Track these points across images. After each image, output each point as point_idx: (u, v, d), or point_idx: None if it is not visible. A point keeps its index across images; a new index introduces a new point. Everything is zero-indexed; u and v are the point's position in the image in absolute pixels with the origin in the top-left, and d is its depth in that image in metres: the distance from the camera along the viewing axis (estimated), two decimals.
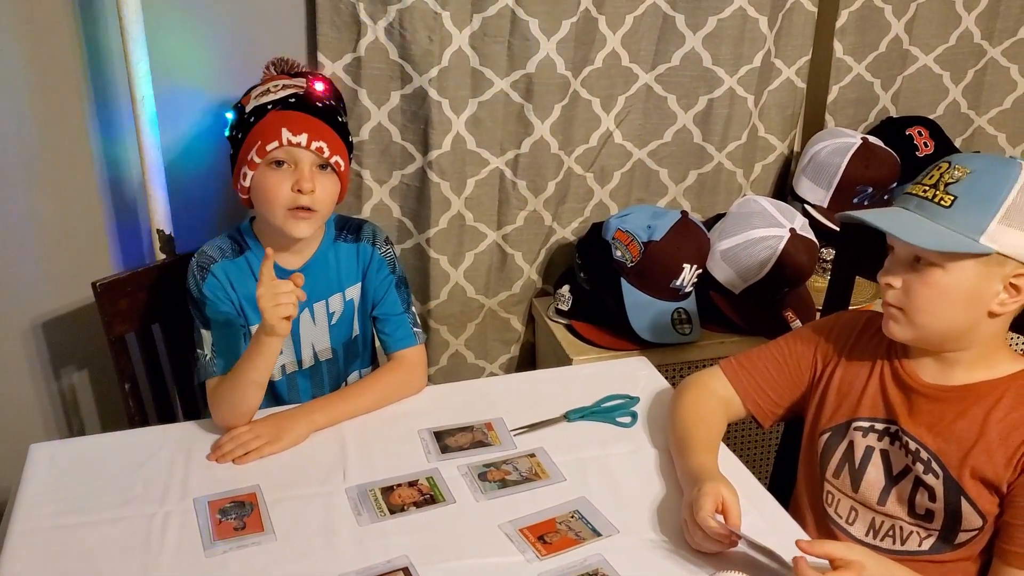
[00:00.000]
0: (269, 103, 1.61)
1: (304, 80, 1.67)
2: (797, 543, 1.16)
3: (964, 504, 1.32)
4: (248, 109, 1.63)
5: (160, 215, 1.95)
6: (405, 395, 1.68)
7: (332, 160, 1.61)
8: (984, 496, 1.31)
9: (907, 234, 1.27)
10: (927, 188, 1.29)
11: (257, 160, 1.59)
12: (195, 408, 1.93)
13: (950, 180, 1.27)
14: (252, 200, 1.65)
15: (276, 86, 1.64)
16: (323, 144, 1.59)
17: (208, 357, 1.62)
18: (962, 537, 1.34)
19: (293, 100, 1.61)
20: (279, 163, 1.58)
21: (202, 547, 1.29)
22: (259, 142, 1.58)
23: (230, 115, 1.68)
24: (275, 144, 1.57)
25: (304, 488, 1.41)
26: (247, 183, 1.62)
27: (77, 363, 2.15)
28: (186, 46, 1.95)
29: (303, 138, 1.57)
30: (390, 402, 1.65)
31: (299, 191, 1.57)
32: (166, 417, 1.90)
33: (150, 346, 1.87)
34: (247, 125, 1.61)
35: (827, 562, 1.15)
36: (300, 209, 1.58)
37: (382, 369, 1.74)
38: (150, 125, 1.87)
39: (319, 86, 1.67)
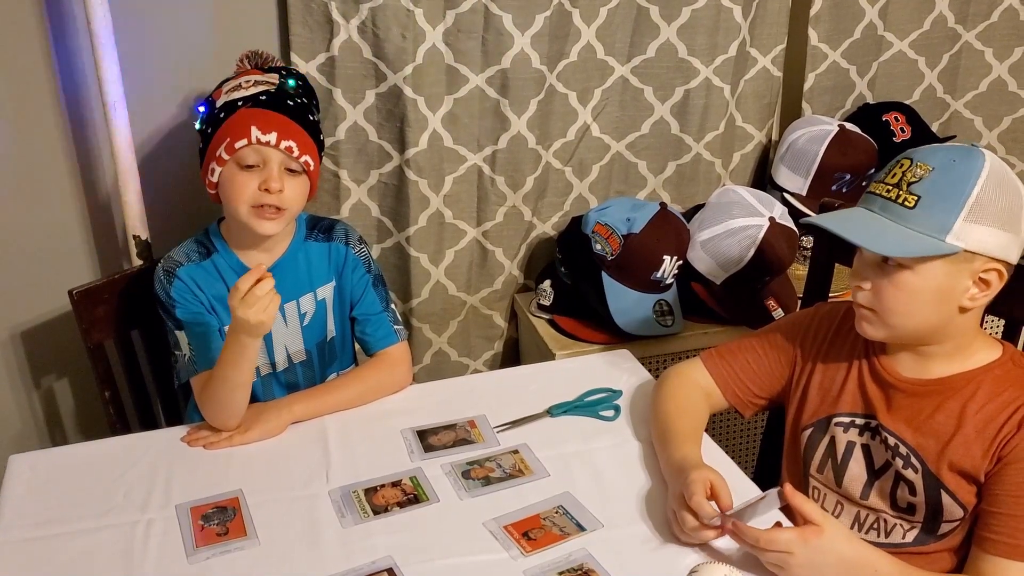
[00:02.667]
0: (240, 99, 1.60)
1: (277, 76, 1.66)
2: (784, 486, 1.20)
3: (944, 497, 1.32)
4: (219, 104, 1.61)
5: (135, 220, 1.94)
6: (389, 391, 1.67)
7: (301, 160, 1.60)
8: (963, 488, 1.31)
9: (872, 242, 1.26)
10: (890, 188, 1.27)
11: (225, 157, 1.57)
12: (176, 413, 1.92)
13: (912, 179, 1.25)
14: (219, 196, 1.64)
15: (248, 81, 1.63)
16: (293, 143, 1.58)
17: (187, 356, 1.62)
18: (944, 528, 1.34)
19: (264, 97, 1.60)
20: (249, 166, 1.57)
21: (185, 554, 1.28)
22: (228, 139, 1.56)
23: (201, 108, 1.66)
24: (244, 142, 1.56)
25: (287, 491, 1.41)
26: (215, 179, 1.61)
27: (57, 372, 2.14)
28: (157, 50, 1.94)
29: (272, 137, 1.56)
30: (373, 398, 1.65)
31: (266, 190, 1.56)
32: (148, 423, 1.88)
33: (129, 353, 1.86)
34: (217, 120, 1.60)
35: None
36: (266, 207, 1.57)
37: (365, 364, 1.74)
38: (122, 130, 1.85)
39: (291, 82, 1.66)
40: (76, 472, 1.46)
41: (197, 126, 1.67)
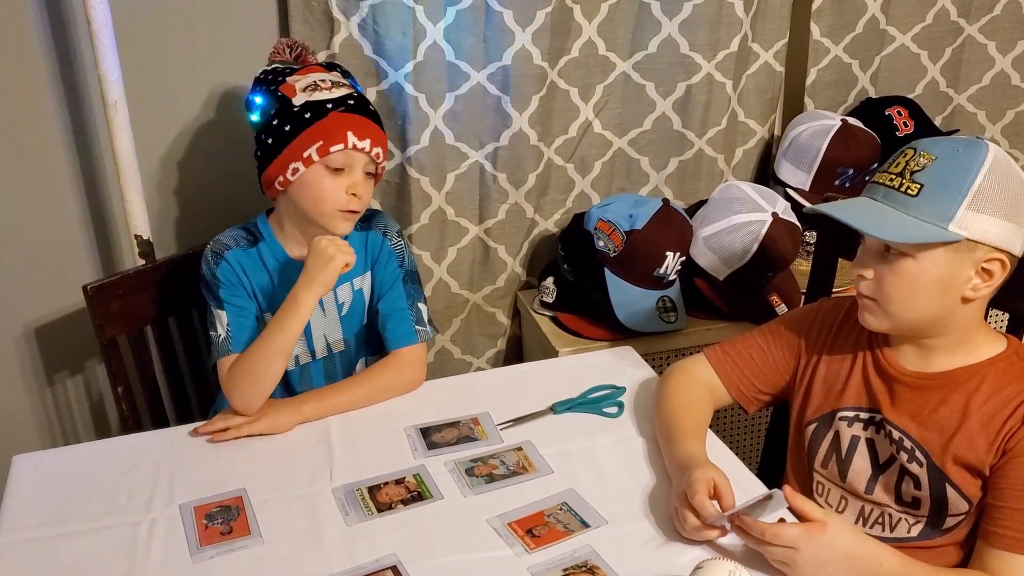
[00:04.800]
0: (328, 101, 1.59)
1: (338, 74, 1.66)
2: (784, 488, 1.19)
3: (949, 490, 1.32)
4: (299, 102, 1.59)
5: (138, 220, 1.94)
6: (398, 392, 1.66)
7: (381, 165, 1.65)
8: (968, 481, 1.31)
9: (874, 228, 1.26)
10: (893, 177, 1.27)
11: (316, 158, 1.57)
12: (188, 411, 1.92)
13: (916, 168, 1.25)
14: (293, 194, 1.62)
15: (323, 81, 1.62)
16: (380, 150, 1.62)
17: (223, 337, 1.62)
18: (949, 522, 1.34)
19: (352, 102, 1.61)
20: (337, 169, 1.59)
21: (189, 553, 1.28)
22: (321, 141, 1.57)
23: (260, 99, 1.63)
24: (340, 146, 1.57)
25: (290, 489, 1.41)
26: (293, 178, 1.60)
27: (69, 368, 2.14)
28: (158, 49, 1.93)
29: (367, 143, 1.59)
30: (382, 398, 1.64)
31: (353, 195, 1.60)
32: (159, 421, 1.88)
33: (142, 349, 1.86)
34: (300, 119, 1.58)
35: None
36: (350, 212, 1.61)
37: (376, 365, 1.73)
38: (123, 130, 1.85)
39: (355, 84, 1.69)
40: (80, 472, 1.46)
41: (256, 118, 1.64)
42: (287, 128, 1.59)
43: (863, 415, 1.41)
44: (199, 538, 1.30)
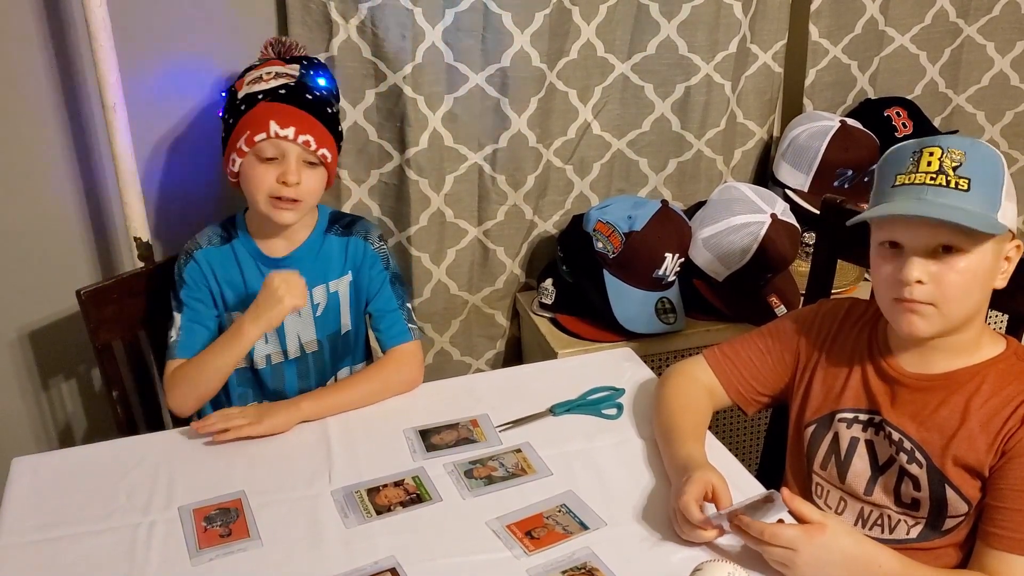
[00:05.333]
0: (260, 92, 1.63)
1: (298, 67, 1.68)
2: (782, 490, 1.20)
3: (949, 492, 1.32)
4: (240, 95, 1.65)
5: (136, 222, 1.94)
6: (398, 391, 1.67)
7: (319, 153, 1.64)
8: (968, 482, 1.31)
9: (959, 217, 1.21)
10: (934, 175, 1.24)
11: (245, 149, 1.62)
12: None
13: (955, 164, 1.24)
14: (242, 186, 1.67)
15: (269, 73, 1.66)
16: (310, 138, 1.62)
17: (174, 339, 1.67)
18: (949, 523, 1.34)
19: (283, 91, 1.64)
20: (268, 159, 1.61)
21: (188, 555, 1.28)
22: (248, 132, 1.61)
23: (223, 95, 1.70)
24: (263, 136, 1.60)
25: (289, 492, 1.41)
26: (235, 168, 1.65)
27: (64, 372, 2.14)
28: (156, 51, 1.93)
29: (290, 132, 1.60)
30: (382, 397, 1.65)
31: (284, 183, 1.61)
32: (154, 424, 1.88)
33: (137, 353, 1.86)
34: (238, 111, 1.64)
35: None
36: (284, 199, 1.62)
37: (374, 364, 1.75)
38: (123, 132, 1.85)
39: (312, 75, 1.69)
40: (79, 475, 1.46)
41: (220, 113, 1.70)
42: (231, 121, 1.65)
43: (862, 416, 1.40)
44: (198, 540, 1.30)
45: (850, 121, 2.35)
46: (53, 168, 1.97)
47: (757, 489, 1.38)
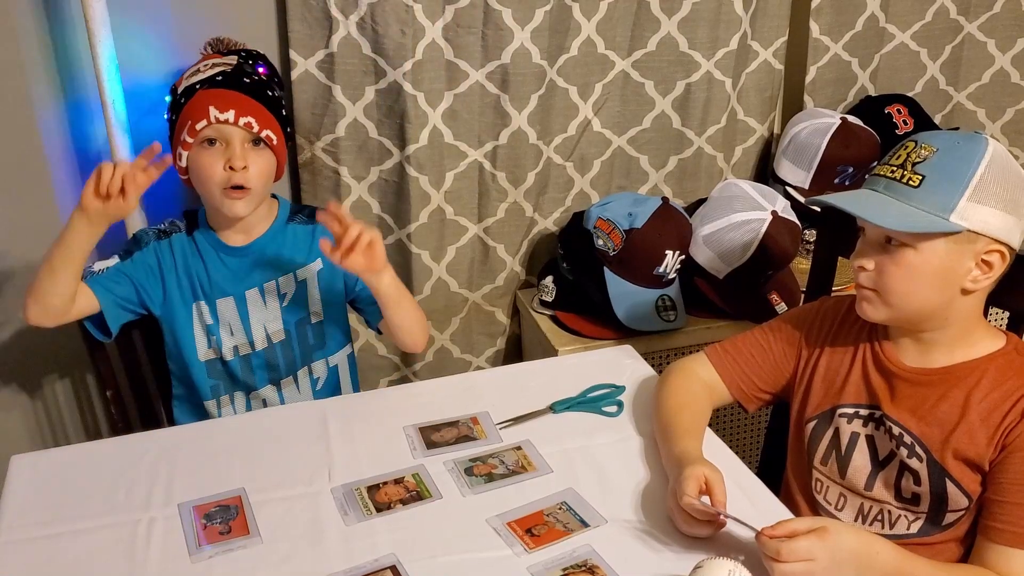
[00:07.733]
0: (197, 82, 1.63)
1: (236, 58, 1.69)
2: (761, 531, 1.15)
3: (949, 486, 1.32)
4: (180, 90, 1.66)
5: (135, 221, 1.93)
6: (420, 336, 1.73)
7: (263, 134, 1.63)
8: (968, 476, 1.31)
9: (876, 217, 1.27)
10: (895, 168, 1.28)
11: (189, 140, 1.61)
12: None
13: (917, 159, 1.26)
14: (192, 181, 1.67)
15: (206, 65, 1.67)
16: (251, 119, 1.61)
17: (97, 270, 1.67)
18: (949, 518, 1.34)
19: (220, 78, 1.64)
20: (211, 141, 1.61)
21: (188, 552, 1.27)
22: (189, 122, 1.60)
23: (167, 98, 1.70)
24: (204, 123, 1.60)
25: (289, 489, 1.40)
26: (183, 163, 1.65)
27: (59, 372, 2.14)
28: (155, 48, 1.93)
29: (230, 114, 1.60)
30: (417, 326, 1.71)
31: (231, 168, 1.60)
32: (149, 423, 1.88)
33: (130, 353, 1.86)
34: (179, 106, 1.64)
35: None
36: (234, 188, 1.61)
37: None
38: (121, 128, 1.85)
39: (252, 64, 1.70)
40: (78, 472, 1.45)
41: (164, 116, 1.71)
42: (173, 118, 1.66)
43: (863, 411, 1.40)
44: (198, 537, 1.30)
45: (851, 118, 2.35)
46: (52, 168, 1.97)
47: (758, 486, 1.39)
